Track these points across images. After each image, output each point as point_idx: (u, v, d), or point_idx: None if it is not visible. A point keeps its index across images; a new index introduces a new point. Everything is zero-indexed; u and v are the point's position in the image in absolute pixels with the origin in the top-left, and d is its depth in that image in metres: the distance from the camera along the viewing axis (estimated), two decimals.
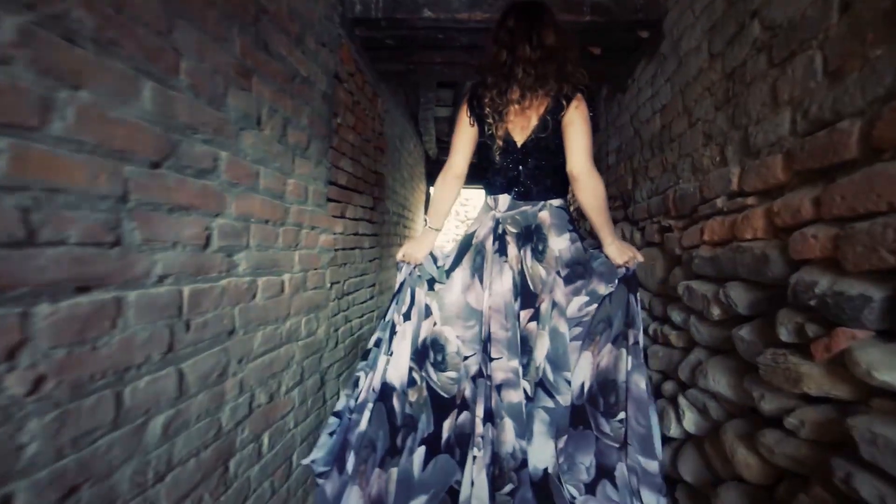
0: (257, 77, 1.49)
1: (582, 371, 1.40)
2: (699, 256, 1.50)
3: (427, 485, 1.37)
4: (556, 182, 1.50)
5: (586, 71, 1.47)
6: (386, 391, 1.41)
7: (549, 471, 1.28)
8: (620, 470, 1.34)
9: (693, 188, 1.61)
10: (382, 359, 1.45)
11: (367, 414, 1.39)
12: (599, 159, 3.28)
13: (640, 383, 1.36)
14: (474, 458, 1.29)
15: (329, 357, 2.30)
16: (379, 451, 1.38)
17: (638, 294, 1.44)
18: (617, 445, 1.35)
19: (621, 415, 1.35)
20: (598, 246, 1.51)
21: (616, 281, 1.43)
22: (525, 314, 1.39)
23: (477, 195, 9.57)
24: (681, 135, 1.79)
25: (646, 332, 2.13)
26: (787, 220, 1.10)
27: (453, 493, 1.35)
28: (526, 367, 1.33)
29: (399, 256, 1.58)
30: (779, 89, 1.19)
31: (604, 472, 1.35)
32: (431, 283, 1.51)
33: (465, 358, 1.44)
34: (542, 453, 1.29)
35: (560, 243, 1.43)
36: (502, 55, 1.42)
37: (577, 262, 1.44)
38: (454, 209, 9.50)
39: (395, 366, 1.42)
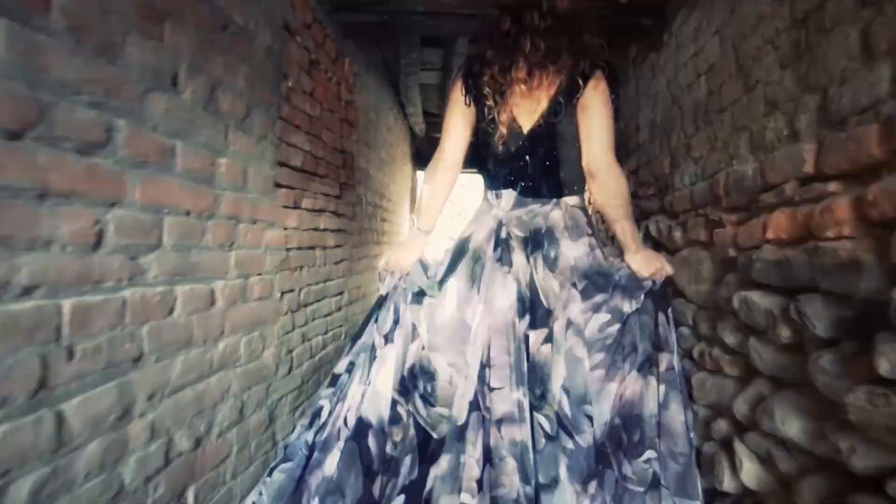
0: (172, 23, 1.33)
1: (605, 405, 1.29)
2: (761, 260, 1.35)
3: None
4: (572, 176, 1.44)
5: (613, 25, 1.35)
6: (361, 429, 1.30)
7: None
8: None
9: (752, 170, 1.46)
10: (357, 388, 1.34)
11: (335, 454, 1.28)
12: (629, 135, 3.14)
13: (679, 416, 1.28)
14: None
15: (280, 386, 2.15)
16: (349, 501, 1.27)
17: (670, 312, 1.38)
18: (642, 489, 1.25)
19: (648, 454, 1.26)
20: (620, 254, 1.44)
21: (642, 296, 1.35)
22: (536, 335, 1.32)
23: (474, 181, 9.39)
24: (734, 102, 1.64)
25: (689, 355, 2.00)
26: (887, 211, 0.96)
27: None
28: (542, 398, 1.27)
29: (381, 265, 1.50)
30: (874, 36, 1.04)
31: None
32: (419, 295, 1.41)
33: (454, 387, 1.33)
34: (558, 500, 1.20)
35: (576, 250, 1.38)
36: (505, 23, 1.36)
37: (596, 273, 1.37)
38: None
39: (374, 398, 1.32)
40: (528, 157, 1.42)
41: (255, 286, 1.88)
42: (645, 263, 1.36)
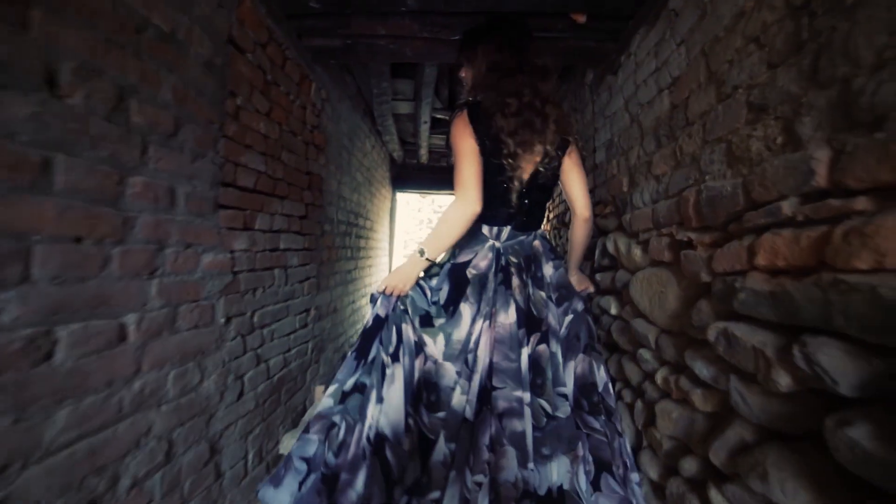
0: (46, 12, 0.94)
1: (569, 381, 1.45)
2: (748, 289, 0.99)
3: None
4: (542, 215, 1.59)
5: (567, 49, 1.59)
6: (379, 443, 1.28)
7: (566, 487, 1.28)
8: (616, 464, 1.42)
9: (731, 187, 1.10)
10: (374, 407, 1.30)
11: (363, 472, 1.25)
12: (585, 157, 2.81)
13: (607, 379, 1.54)
14: (479, 484, 1.23)
15: (226, 415, 1.73)
16: None
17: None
18: (606, 440, 1.43)
19: (604, 414, 1.47)
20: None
21: (585, 298, 1.62)
22: (534, 338, 1.39)
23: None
24: (705, 113, 1.28)
25: (651, 379, 1.64)
26: None
27: None
28: (542, 386, 1.36)
29: (380, 288, 1.42)
30: None
31: (602, 465, 1.40)
32: (427, 318, 1.41)
33: (462, 392, 1.33)
34: (557, 470, 1.29)
35: (549, 269, 1.53)
36: (524, 92, 1.35)
37: (563, 286, 1.55)
38: (427, 216, 8.92)
39: (389, 413, 1.29)
40: (525, 201, 1.47)
41: (188, 315, 1.47)
42: (579, 281, 1.68)
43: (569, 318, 1.51)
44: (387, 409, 1.29)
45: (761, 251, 0.97)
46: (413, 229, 9.99)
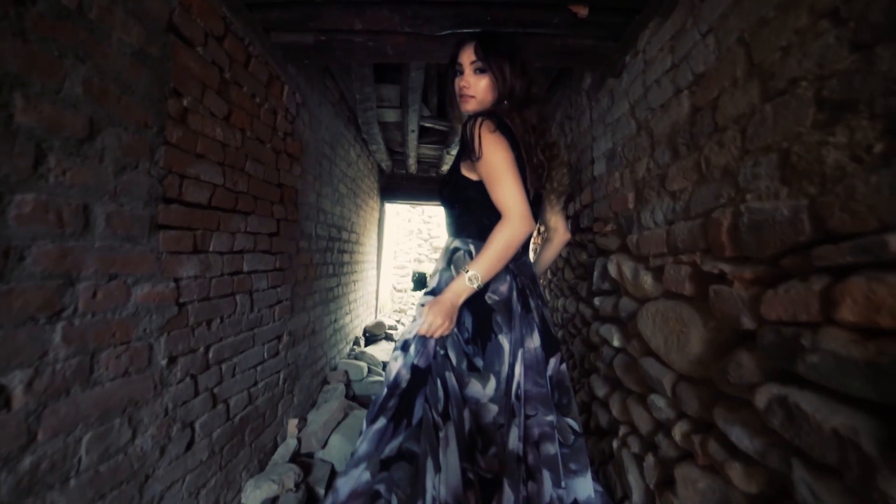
0: None
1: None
2: (823, 351, 0.72)
3: None
4: None
5: (562, 48, 1.58)
6: None
7: (590, 498, 1.27)
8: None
9: (789, 210, 0.83)
10: (432, 479, 1.08)
11: None
12: (582, 168, 2.55)
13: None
14: None
15: (171, 471, 1.43)
16: None
17: None
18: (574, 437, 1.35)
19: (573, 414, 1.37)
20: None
21: None
22: (554, 359, 1.35)
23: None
24: (744, 116, 1.02)
25: (668, 433, 1.37)
26: None
27: None
28: (567, 405, 1.34)
29: (422, 329, 1.20)
30: None
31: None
32: (471, 366, 1.25)
33: (500, 426, 1.24)
34: (583, 485, 1.28)
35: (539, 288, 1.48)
36: (547, 136, 1.36)
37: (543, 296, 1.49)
38: (417, 227, 8.68)
39: (448, 480, 1.09)
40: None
41: (114, 360, 1.17)
42: None
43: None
44: (445, 476, 1.09)
45: (847, 301, 0.70)
46: (403, 240, 9.65)
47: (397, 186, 5.89)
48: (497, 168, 1.17)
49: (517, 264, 1.34)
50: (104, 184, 1.12)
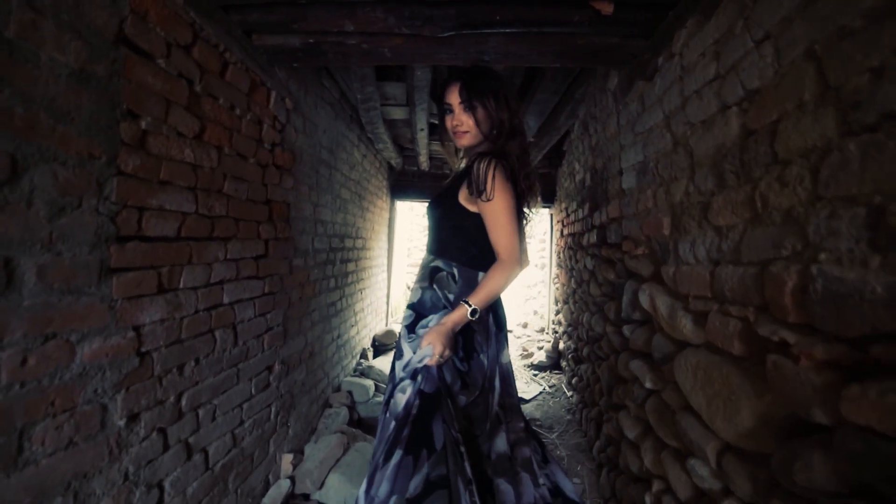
0: None
1: None
2: None
3: None
4: None
5: (584, 47, 1.58)
6: None
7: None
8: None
9: (884, 290, 0.62)
10: (464, 493, 1.14)
11: None
12: (607, 178, 2.35)
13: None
14: None
15: None
16: None
17: None
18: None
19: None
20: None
21: None
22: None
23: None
24: (815, 152, 0.79)
25: None
26: None
27: None
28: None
29: (434, 361, 1.29)
30: None
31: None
32: (464, 383, 1.38)
33: (475, 436, 1.39)
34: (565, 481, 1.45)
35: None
36: (528, 163, 1.44)
37: None
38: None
39: (479, 489, 1.20)
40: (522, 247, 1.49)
41: (51, 433, 1.05)
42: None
43: None
44: (476, 486, 1.19)
45: None
46: (417, 236, 9.52)
47: (409, 184, 5.73)
48: (504, 214, 1.30)
49: None
50: (34, 231, 0.98)
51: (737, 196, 1.10)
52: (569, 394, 3.78)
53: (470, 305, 1.31)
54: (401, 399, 1.30)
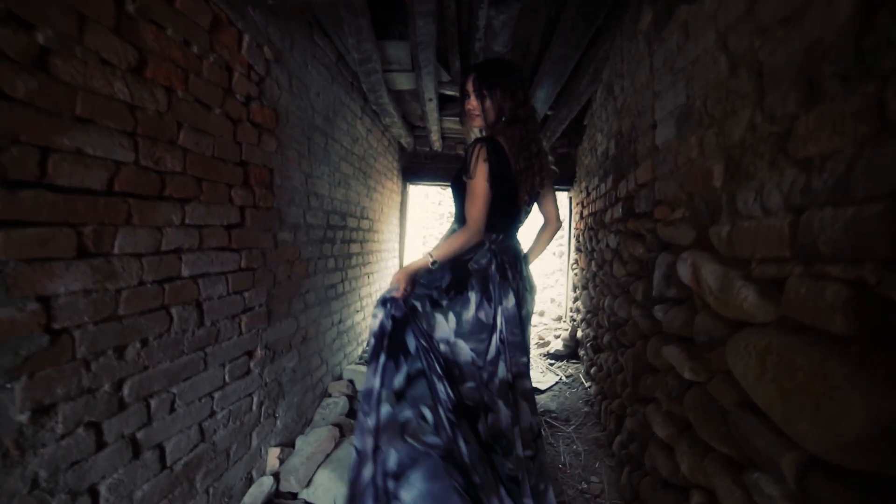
0: None
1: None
2: None
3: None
4: (521, 227, 1.81)
5: None
6: (457, 410, 1.52)
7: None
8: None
9: None
10: (439, 385, 1.52)
11: (461, 440, 1.46)
12: (635, 138, 1.98)
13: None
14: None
15: None
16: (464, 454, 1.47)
17: None
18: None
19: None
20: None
21: None
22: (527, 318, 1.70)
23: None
24: None
25: None
26: None
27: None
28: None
29: (392, 289, 1.63)
30: None
31: None
32: (434, 301, 1.63)
33: (479, 368, 1.58)
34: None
35: (526, 270, 1.79)
36: (531, 147, 1.61)
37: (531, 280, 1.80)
38: (449, 209, 8.20)
39: (448, 386, 1.54)
40: (521, 217, 1.74)
41: None
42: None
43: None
44: (445, 384, 1.52)
45: None
46: (433, 224, 9.16)
47: (421, 166, 5.39)
48: (476, 191, 1.53)
49: (499, 246, 1.69)
50: None
51: (844, 108, 0.74)
52: (587, 384, 3.43)
53: (431, 257, 1.60)
54: (375, 322, 1.61)
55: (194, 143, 1.46)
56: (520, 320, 1.62)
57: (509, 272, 1.65)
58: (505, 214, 1.66)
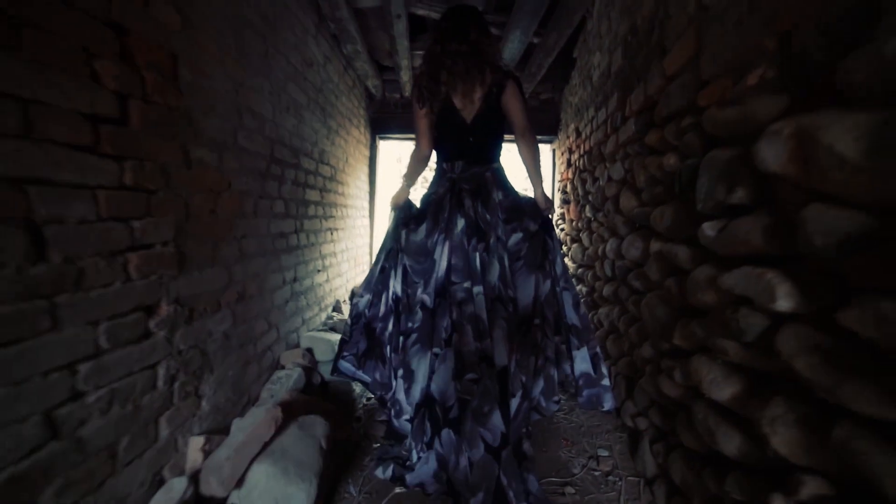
0: None
1: (529, 289, 1.71)
2: None
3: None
4: (497, 150, 1.85)
5: None
6: (395, 302, 1.79)
7: (510, 369, 1.56)
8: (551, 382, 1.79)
9: None
10: (393, 280, 1.79)
11: (390, 321, 1.79)
12: (660, 22, 1.48)
13: (568, 300, 1.75)
14: (436, 354, 1.60)
15: None
16: (392, 346, 1.78)
17: (554, 234, 1.78)
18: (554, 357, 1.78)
19: (559, 336, 1.77)
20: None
21: (540, 220, 1.76)
22: (480, 246, 1.66)
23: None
24: None
25: None
26: None
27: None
28: (485, 286, 1.62)
29: (391, 203, 1.88)
30: None
31: (542, 372, 1.76)
32: (405, 224, 1.80)
33: (415, 282, 1.75)
34: (501, 354, 1.54)
35: (499, 195, 1.76)
36: (437, 48, 1.70)
37: (512, 209, 1.75)
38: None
39: (398, 284, 1.79)
40: (470, 139, 1.76)
41: None
42: (543, 199, 1.80)
43: (518, 234, 1.72)
44: (398, 281, 1.77)
45: None
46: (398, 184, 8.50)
47: (391, 116, 4.74)
48: (413, 116, 1.81)
49: (460, 175, 1.77)
50: None
51: None
52: None
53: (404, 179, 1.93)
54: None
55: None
56: (467, 247, 1.65)
57: (468, 200, 1.72)
58: (452, 138, 1.78)
